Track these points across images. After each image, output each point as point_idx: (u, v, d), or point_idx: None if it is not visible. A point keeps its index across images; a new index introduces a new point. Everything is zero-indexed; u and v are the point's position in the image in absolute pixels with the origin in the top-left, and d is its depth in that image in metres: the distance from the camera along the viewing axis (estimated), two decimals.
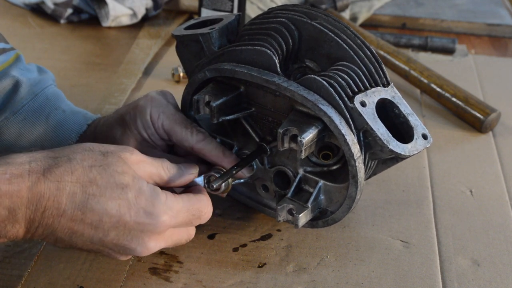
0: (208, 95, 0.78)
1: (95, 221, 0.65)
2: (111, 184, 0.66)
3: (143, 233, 0.68)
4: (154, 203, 0.67)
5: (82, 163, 0.65)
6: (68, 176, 0.64)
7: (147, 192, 0.68)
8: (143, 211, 0.67)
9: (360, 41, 0.76)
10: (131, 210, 0.66)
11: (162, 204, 0.68)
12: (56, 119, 0.87)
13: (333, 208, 0.79)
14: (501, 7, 1.68)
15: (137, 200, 0.67)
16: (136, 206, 0.66)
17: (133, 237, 0.67)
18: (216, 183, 0.75)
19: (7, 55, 0.90)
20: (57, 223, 0.64)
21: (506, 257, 0.83)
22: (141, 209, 0.67)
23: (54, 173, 0.64)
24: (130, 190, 0.66)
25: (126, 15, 1.48)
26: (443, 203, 0.92)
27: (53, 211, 0.64)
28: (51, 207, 0.64)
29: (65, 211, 0.64)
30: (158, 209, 0.68)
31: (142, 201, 0.67)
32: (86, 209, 0.65)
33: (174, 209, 0.69)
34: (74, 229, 0.65)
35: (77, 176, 0.65)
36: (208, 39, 0.81)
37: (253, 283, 0.77)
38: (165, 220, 0.68)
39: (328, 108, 0.72)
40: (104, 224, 0.66)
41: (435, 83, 1.19)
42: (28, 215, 0.63)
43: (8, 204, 0.62)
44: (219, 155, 0.80)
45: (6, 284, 0.74)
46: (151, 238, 0.68)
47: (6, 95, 0.87)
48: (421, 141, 0.75)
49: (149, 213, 0.67)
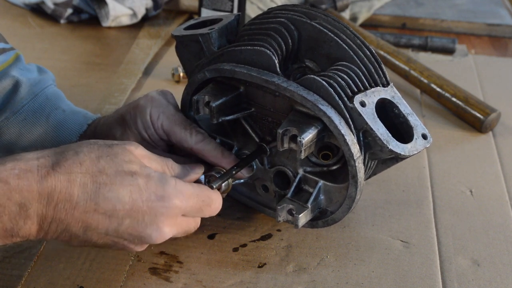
0: (207, 95, 0.78)
1: (109, 210, 0.65)
2: (120, 172, 0.66)
3: (157, 218, 0.67)
4: (164, 187, 0.68)
5: (89, 155, 0.66)
6: (77, 168, 0.64)
7: (156, 177, 0.68)
8: (154, 195, 0.67)
9: (359, 41, 0.76)
10: (143, 195, 0.66)
11: (173, 188, 0.68)
12: (56, 119, 0.87)
13: (333, 208, 0.79)
14: (501, 7, 1.68)
15: (147, 185, 0.67)
16: (147, 191, 0.67)
17: (148, 223, 0.67)
18: (216, 183, 0.75)
19: (7, 55, 0.90)
20: (70, 216, 0.64)
21: (506, 257, 0.83)
22: (153, 193, 0.67)
23: (63, 166, 0.64)
24: (139, 176, 0.67)
25: (126, 15, 1.48)
26: (443, 203, 0.92)
27: (66, 204, 0.64)
28: (63, 200, 0.63)
29: (78, 203, 0.64)
30: (169, 192, 0.68)
31: (152, 186, 0.67)
32: (98, 198, 0.65)
33: (185, 193, 0.69)
34: (88, 222, 0.65)
35: (86, 167, 0.65)
36: (208, 39, 0.81)
37: (253, 283, 0.77)
38: (176, 202, 0.68)
39: (327, 108, 0.72)
40: (118, 212, 0.66)
41: (435, 83, 1.19)
42: (40, 210, 0.63)
43: (19, 199, 0.62)
44: (219, 156, 0.80)
45: (6, 284, 0.74)
46: (165, 223, 0.68)
47: (6, 95, 0.87)
48: (421, 141, 0.75)
49: (160, 196, 0.67)
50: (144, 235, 0.68)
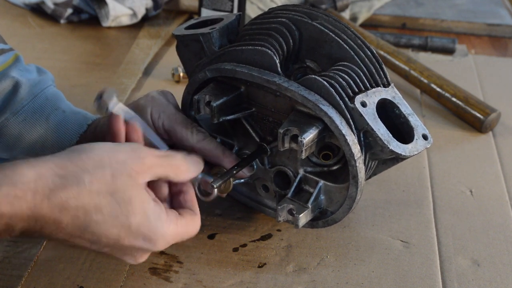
0: (208, 95, 0.78)
1: (93, 239, 0.65)
2: (116, 212, 0.64)
3: (137, 252, 0.68)
4: (155, 232, 0.67)
5: (90, 187, 0.63)
6: (73, 201, 0.62)
7: (152, 219, 0.66)
8: (142, 238, 0.66)
9: (360, 41, 0.76)
10: (130, 237, 0.66)
11: (162, 234, 0.67)
12: (57, 119, 0.86)
13: (334, 208, 0.79)
14: (501, 7, 1.68)
15: (139, 228, 0.66)
16: (136, 234, 0.66)
17: (126, 254, 0.68)
18: (216, 183, 0.75)
19: (6, 56, 0.89)
20: (54, 235, 0.64)
21: (506, 257, 0.83)
22: (141, 236, 0.66)
23: (59, 197, 0.62)
24: (135, 217, 0.65)
25: (126, 15, 1.48)
26: (443, 203, 0.93)
27: (52, 227, 0.63)
28: (51, 225, 0.62)
29: (64, 229, 0.63)
30: (156, 237, 0.67)
31: (144, 230, 0.66)
32: (86, 231, 0.64)
33: (171, 236, 0.68)
34: (71, 241, 0.65)
35: (82, 202, 0.63)
36: (209, 39, 0.81)
37: (253, 283, 0.77)
38: (159, 245, 0.68)
39: (328, 108, 0.72)
40: (101, 242, 0.65)
41: (435, 83, 1.19)
42: (26, 227, 0.62)
43: (7, 222, 0.61)
44: (219, 155, 0.80)
45: (6, 284, 0.74)
46: (143, 256, 0.69)
47: (6, 96, 0.87)
48: (422, 142, 0.75)
49: (148, 239, 0.66)
50: (124, 259, 0.69)
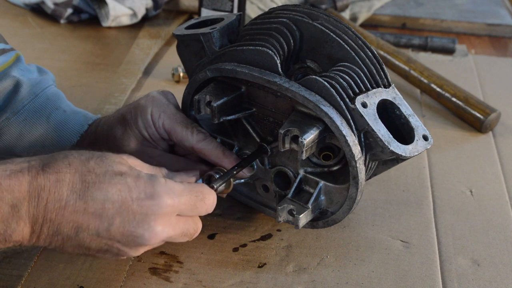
0: (209, 95, 0.78)
1: (98, 209, 0.65)
2: (109, 172, 0.66)
3: (147, 216, 0.67)
4: (154, 185, 0.67)
5: (79, 157, 0.67)
6: (66, 168, 0.65)
7: (146, 176, 0.68)
8: (144, 193, 0.66)
9: (361, 42, 0.76)
10: (132, 193, 0.66)
11: (163, 185, 0.68)
12: (57, 119, 0.87)
13: (334, 209, 0.79)
14: (501, 7, 1.68)
15: (136, 183, 0.66)
16: (137, 189, 0.66)
17: (139, 222, 0.66)
18: (216, 183, 0.75)
19: (7, 56, 0.90)
20: (60, 216, 0.64)
21: (506, 257, 0.83)
22: (142, 191, 0.66)
23: (53, 166, 0.65)
24: (128, 176, 0.67)
25: (126, 15, 1.48)
26: (443, 203, 0.93)
27: (55, 203, 0.64)
28: (53, 200, 0.64)
29: (67, 203, 0.64)
30: (158, 190, 0.67)
31: (141, 184, 0.67)
32: (87, 197, 0.65)
33: (176, 190, 0.69)
34: (79, 222, 0.65)
35: (75, 167, 0.65)
36: (209, 38, 0.81)
37: (253, 283, 0.77)
38: (167, 200, 0.67)
39: (329, 109, 0.72)
40: (108, 211, 0.65)
41: (435, 83, 1.19)
42: (31, 210, 0.63)
43: (11, 200, 0.62)
44: (220, 155, 0.80)
45: (6, 284, 0.74)
46: (157, 222, 0.67)
47: (7, 96, 0.87)
48: (422, 142, 0.75)
49: (150, 194, 0.67)
50: (136, 235, 0.67)
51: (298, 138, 0.72)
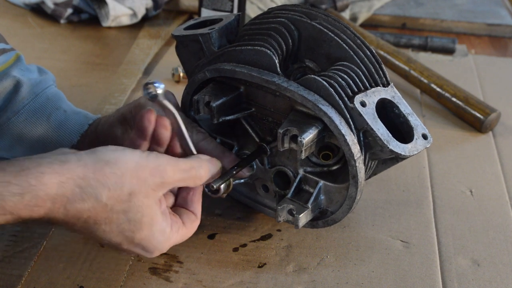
0: (208, 95, 0.78)
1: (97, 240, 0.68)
2: (124, 227, 0.67)
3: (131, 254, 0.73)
4: (156, 246, 0.70)
5: (106, 202, 0.65)
6: (87, 213, 0.64)
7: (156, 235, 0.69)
8: (141, 248, 0.69)
9: (360, 41, 0.76)
10: (130, 245, 0.69)
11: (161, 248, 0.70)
12: (58, 119, 0.87)
13: (333, 208, 0.79)
14: (501, 7, 1.68)
15: (141, 241, 0.68)
16: (136, 244, 0.69)
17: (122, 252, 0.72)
18: (216, 183, 0.75)
19: (8, 56, 0.90)
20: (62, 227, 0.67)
21: (506, 257, 0.83)
22: (140, 247, 0.69)
23: (75, 208, 0.63)
24: (140, 234, 0.68)
25: (126, 15, 1.48)
26: (443, 203, 0.93)
27: (62, 226, 0.66)
28: (62, 225, 0.65)
29: (73, 229, 0.66)
30: (154, 249, 0.70)
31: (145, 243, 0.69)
32: (92, 234, 0.66)
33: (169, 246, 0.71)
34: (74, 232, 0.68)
35: (95, 214, 0.65)
36: (208, 39, 0.81)
37: (253, 283, 0.77)
38: (155, 255, 0.71)
39: (328, 108, 0.72)
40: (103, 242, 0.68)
41: (435, 83, 1.19)
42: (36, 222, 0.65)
43: (21, 221, 0.63)
44: (219, 155, 0.80)
45: (6, 283, 0.74)
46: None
47: (7, 95, 0.87)
48: (421, 141, 0.75)
49: (146, 250, 0.70)
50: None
51: (297, 137, 0.72)
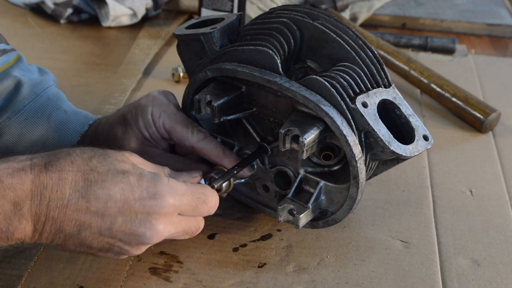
0: (209, 94, 0.78)
1: (101, 208, 0.65)
2: (112, 170, 0.66)
3: (149, 215, 0.67)
4: (156, 185, 0.67)
5: (81, 155, 0.67)
6: (68, 166, 0.65)
7: (148, 175, 0.68)
8: (146, 193, 0.67)
9: (361, 41, 0.76)
10: (135, 193, 0.66)
11: (165, 185, 0.68)
12: (58, 119, 0.87)
13: (334, 209, 0.79)
14: (501, 7, 1.68)
15: (139, 182, 0.67)
16: (139, 188, 0.66)
17: (141, 221, 0.67)
18: (217, 183, 0.75)
19: (9, 56, 0.90)
20: (63, 215, 0.64)
21: (506, 257, 0.83)
22: (145, 190, 0.67)
23: (55, 165, 0.65)
24: (131, 174, 0.67)
25: (126, 15, 1.48)
26: (443, 203, 0.93)
27: (58, 202, 0.64)
28: (55, 198, 0.64)
29: (70, 201, 0.64)
30: (161, 189, 0.67)
31: (144, 183, 0.67)
32: (90, 196, 0.65)
33: (178, 190, 0.69)
34: (81, 220, 0.65)
35: (77, 165, 0.65)
36: (210, 38, 0.81)
37: (253, 283, 0.77)
38: (169, 200, 0.68)
39: (329, 109, 0.72)
40: (110, 210, 0.65)
41: (435, 83, 1.19)
42: (33, 209, 0.63)
43: (13, 197, 0.63)
44: (220, 155, 0.80)
45: (6, 284, 0.74)
46: (158, 221, 0.67)
47: (8, 95, 0.87)
48: (422, 142, 0.75)
49: (152, 193, 0.67)
50: (138, 234, 0.67)
51: (298, 138, 0.72)
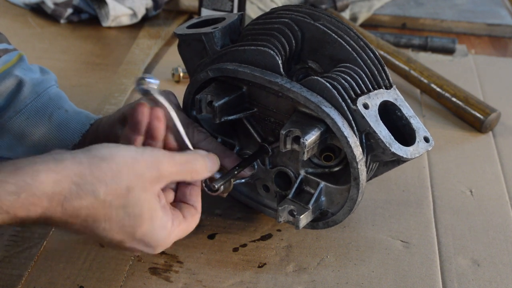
0: (210, 94, 0.78)
1: (97, 239, 0.67)
2: (124, 223, 0.64)
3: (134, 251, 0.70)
4: (158, 241, 0.67)
5: (104, 198, 0.62)
6: (85, 211, 0.62)
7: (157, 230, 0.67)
8: (143, 244, 0.67)
9: (363, 42, 0.76)
10: (133, 242, 0.66)
11: (163, 244, 0.68)
12: (59, 118, 0.87)
13: (334, 210, 0.79)
14: (501, 7, 1.68)
15: (143, 237, 0.66)
16: (139, 241, 0.66)
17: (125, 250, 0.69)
18: (217, 183, 0.75)
19: (10, 55, 0.90)
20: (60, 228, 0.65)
21: (506, 257, 0.83)
22: (142, 243, 0.67)
23: (73, 206, 0.61)
24: (141, 229, 0.66)
25: (126, 15, 1.48)
26: (443, 203, 0.93)
27: (61, 227, 0.64)
28: (60, 225, 0.63)
29: (72, 229, 0.64)
30: (157, 244, 0.68)
31: (147, 239, 0.66)
32: (93, 233, 0.64)
33: (171, 241, 0.69)
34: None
35: (94, 212, 0.63)
36: (211, 38, 0.81)
37: (253, 283, 0.77)
38: (158, 250, 0.69)
39: (331, 110, 0.72)
40: (104, 241, 0.66)
41: (435, 83, 1.19)
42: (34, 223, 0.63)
43: (18, 222, 0.61)
44: (221, 155, 0.79)
45: (6, 283, 0.74)
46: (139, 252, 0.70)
47: (9, 95, 0.87)
48: (423, 144, 0.75)
49: (149, 246, 0.68)
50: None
51: (299, 138, 0.72)
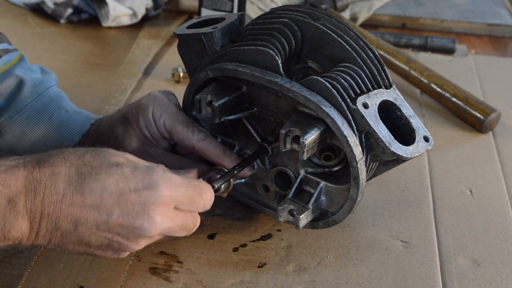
0: (210, 94, 0.78)
1: (96, 201, 0.65)
2: (105, 163, 0.66)
3: (146, 206, 0.66)
4: (151, 175, 0.67)
5: (74, 152, 0.67)
6: (61, 162, 0.65)
7: (143, 167, 0.67)
8: (142, 183, 0.66)
9: (362, 42, 0.76)
10: (130, 183, 0.66)
11: (160, 176, 0.67)
12: (59, 118, 0.87)
13: (334, 209, 0.79)
14: (501, 7, 1.68)
15: (133, 173, 0.66)
16: (134, 179, 0.66)
17: (138, 213, 0.66)
18: (217, 183, 0.75)
19: (11, 55, 0.90)
20: (58, 210, 0.64)
21: (506, 257, 0.83)
22: (140, 181, 0.66)
23: (48, 161, 0.65)
24: (125, 166, 0.66)
25: (126, 15, 1.48)
26: (443, 203, 0.93)
27: (52, 197, 0.64)
28: (50, 193, 0.64)
29: (64, 195, 0.64)
30: (156, 180, 0.67)
31: (139, 174, 0.66)
32: (84, 189, 0.64)
33: (173, 181, 0.68)
34: (77, 215, 0.64)
35: (70, 160, 0.65)
36: (211, 38, 0.81)
37: (253, 283, 0.77)
38: (165, 191, 0.67)
39: (330, 110, 0.72)
40: (106, 202, 0.65)
41: (435, 83, 1.20)
42: (28, 205, 0.63)
43: (7, 193, 0.62)
44: (220, 155, 0.80)
45: (6, 283, 0.74)
46: (155, 211, 0.67)
47: (10, 94, 0.87)
48: (423, 144, 0.75)
49: (148, 183, 0.66)
50: (136, 226, 0.66)
51: (299, 138, 0.72)
